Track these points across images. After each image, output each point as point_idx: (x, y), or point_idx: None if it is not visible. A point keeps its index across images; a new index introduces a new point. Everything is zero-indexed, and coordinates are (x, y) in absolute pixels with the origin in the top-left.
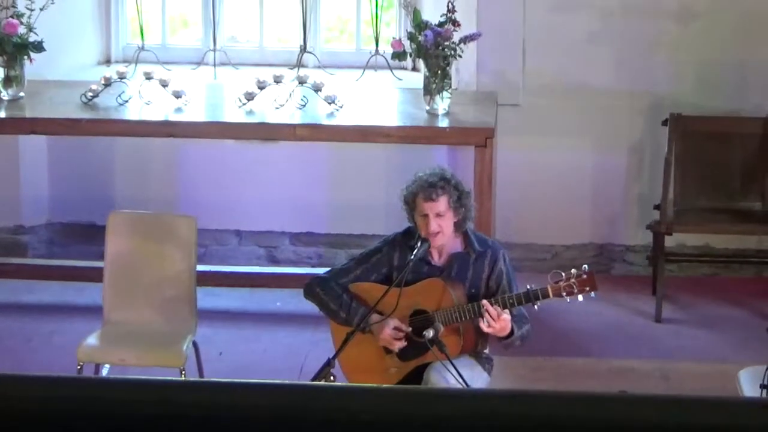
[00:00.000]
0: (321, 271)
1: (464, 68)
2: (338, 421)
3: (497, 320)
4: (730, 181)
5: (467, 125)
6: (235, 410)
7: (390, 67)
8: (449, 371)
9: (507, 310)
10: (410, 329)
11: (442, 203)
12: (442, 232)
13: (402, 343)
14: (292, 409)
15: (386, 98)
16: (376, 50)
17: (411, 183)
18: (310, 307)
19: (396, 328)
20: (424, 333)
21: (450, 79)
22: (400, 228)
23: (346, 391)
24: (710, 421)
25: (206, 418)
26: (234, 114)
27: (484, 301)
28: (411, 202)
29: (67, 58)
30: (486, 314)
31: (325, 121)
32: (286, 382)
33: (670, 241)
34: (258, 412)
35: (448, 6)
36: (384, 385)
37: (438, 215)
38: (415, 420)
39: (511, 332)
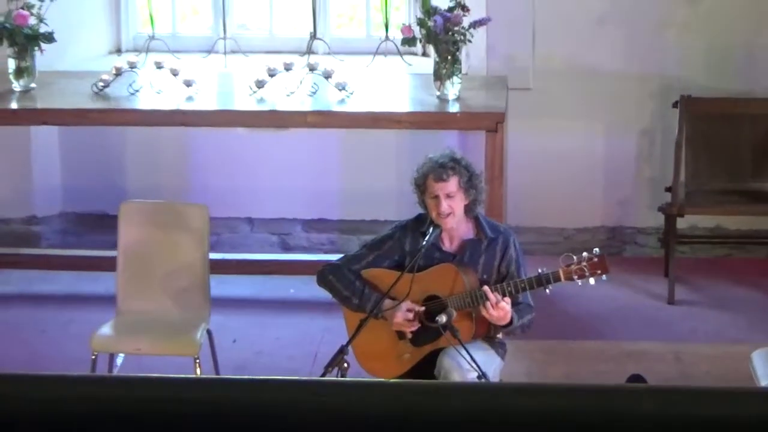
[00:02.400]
0: (333, 257)
1: (474, 53)
2: (350, 416)
3: (495, 307)
4: (741, 163)
5: (478, 110)
6: (245, 407)
7: (400, 53)
8: (462, 356)
9: (507, 299)
10: (423, 308)
11: (452, 184)
12: (453, 214)
13: (416, 325)
14: (300, 405)
15: (396, 84)
16: (386, 36)
17: (421, 165)
18: (323, 294)
19: (409, 310)
20: (436, 318)
21: (460, 64)
22: (411, 213)
23: (354, 386)
24: (721, 412)
25: (215, 416)
26: (245, 102)
27: (485, 287)
28: (422, 185)
29: (77, 49)
30: (486, 300)
31: (336, 108)
32: (295, 378)
33: (681, 223)
34: (268, 409)
35: None
36: (393, 380)
37: (448, 196)
38: (425, 415)
39: (511, 321)
